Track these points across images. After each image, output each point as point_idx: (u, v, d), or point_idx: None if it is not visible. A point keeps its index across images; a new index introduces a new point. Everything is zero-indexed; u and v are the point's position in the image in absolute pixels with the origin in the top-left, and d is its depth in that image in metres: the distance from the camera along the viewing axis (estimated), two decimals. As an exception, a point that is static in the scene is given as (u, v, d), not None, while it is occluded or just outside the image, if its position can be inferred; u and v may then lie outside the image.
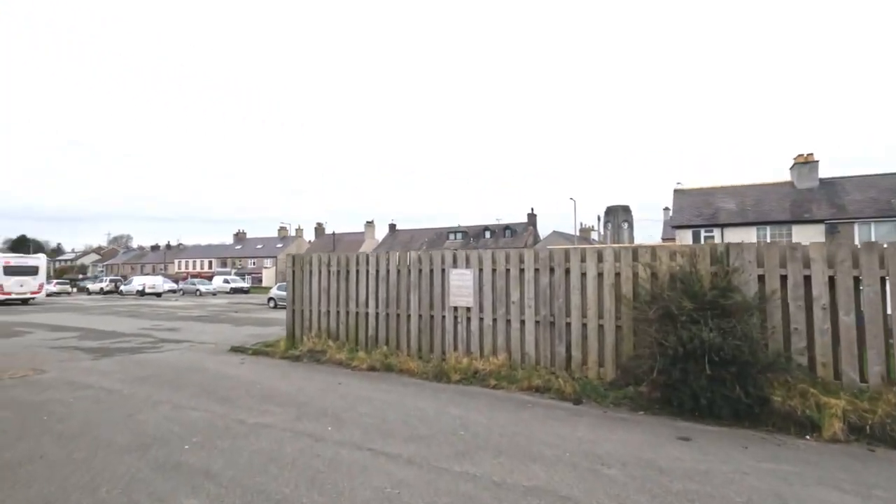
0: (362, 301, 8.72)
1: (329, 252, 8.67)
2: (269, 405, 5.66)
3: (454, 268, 7.77)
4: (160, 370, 7.80)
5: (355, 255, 8.95)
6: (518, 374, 6.73)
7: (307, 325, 9.41)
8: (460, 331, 7.68)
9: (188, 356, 9.21)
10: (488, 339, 7.40)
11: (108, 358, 9.08)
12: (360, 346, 8.65)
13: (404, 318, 8.24)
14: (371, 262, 8.67)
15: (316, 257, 9.41)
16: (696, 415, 5.23)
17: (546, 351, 6.94)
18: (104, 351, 9.93)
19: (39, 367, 8.18)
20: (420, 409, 5.56)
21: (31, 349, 10.26)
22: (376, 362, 7.80)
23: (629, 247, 6.57)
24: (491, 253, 7.49)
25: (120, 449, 4.22)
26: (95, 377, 7.26)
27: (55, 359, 8.97)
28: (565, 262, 6.86)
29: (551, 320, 6.93)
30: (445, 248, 44.40)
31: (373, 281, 8.62)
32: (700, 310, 5.29)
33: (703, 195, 26.38)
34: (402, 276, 8.30)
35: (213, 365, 8.26)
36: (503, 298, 7.32)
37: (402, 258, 8.35)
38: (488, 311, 7.42)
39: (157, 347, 10.47)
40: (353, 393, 6.27)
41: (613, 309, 6.47)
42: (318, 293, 9.29)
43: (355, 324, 8.81)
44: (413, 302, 8.14)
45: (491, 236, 58.51)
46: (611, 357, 6.45)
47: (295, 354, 8.83)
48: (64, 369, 7.93)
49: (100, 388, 6.52)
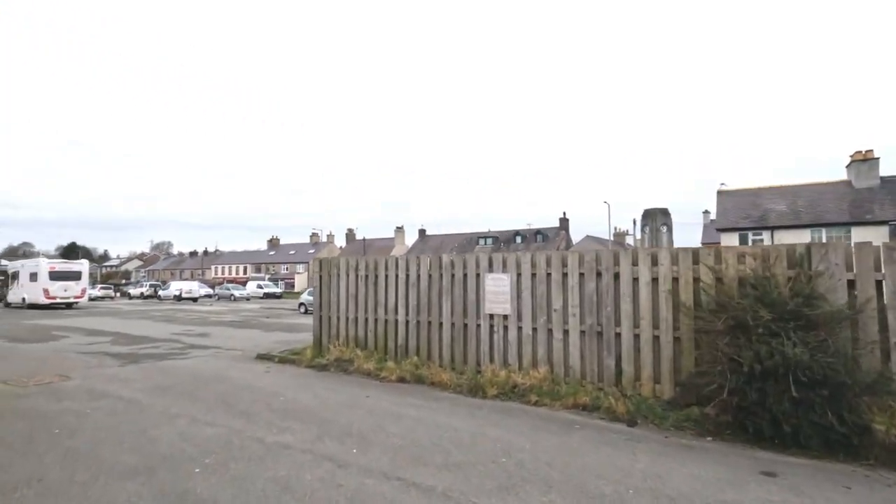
0: (391, 307, 8.24)
1: (353, 254, 8.22)
2: (290, 421, 5.21)
3: (490, 272, 7.19)
4: (183, 379, 7.50)
5: (384, 258, 8.48)
6: (562, 390, 6.08)
7: (334, 333, 8.99)
8: (496, 341, 7.08)
9: (213, 364, 8.93)
10: (528, 351, 6.77)
11: (134, 364, 8.89)
12: (388, 355, 8.15)
13: (436, 326, 7.71)
14: (400, 267, 8.18)
15: (343, 261, 9.00)
16: (776, 443, 4.48)
17: (593, 364, 6.26)
18: (132, 357, 9.79)
19: (66, 373, 8.03)
20: (455, 429, 4.99)
21: (63, 353, 10.23)
22: (406, 373, 7.29)
23: (688, 249, 5.84)
24: (530, 255, 6.87)
25: (125, 472, 3.82)
26: (117, 385, 7.01)
27: (83, 364, 8.84)
28: (614, 266, 6.18)
29: (598, 330, 6.26)
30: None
31: (402, 286, 8.13)
32: (780, 320, 4.54)
33: (749, 196, 24.92)
34: (434, 282, 7.77)
35: (237, 374, 7.93)
36: (544, 306, 6.68)
37: (434, 262, 7.82)
38: (527, 319, 6.80)
39: (185, 354, 10.28)
40: (380, 408, 5.76)
41: (671, 318, 5.75)
42: (345, 299, 8.87)
43: (384, 332, 8.33)
44: (445, 309, 7.60)
45: (522, 241, 57.57)
46: (668, 372, 5.72)
47: (321, 363, 8.42)
48: (88, 376, 7.74)
49: (119, 398, 6.23)
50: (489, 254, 7.36)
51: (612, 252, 6.32)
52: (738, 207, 24.11)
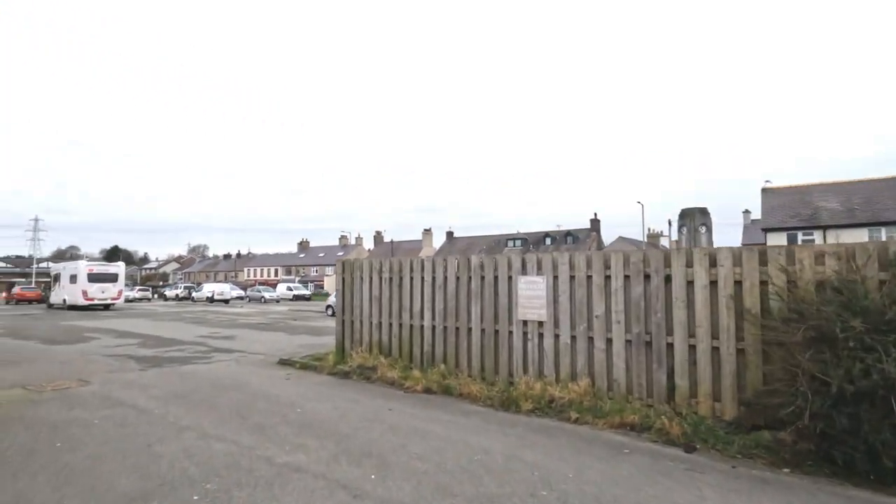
0: (417, 312, 7.74)
1: (381, 257, 7.69)
2: (305, 437, 4.76)
3: (523, 275, 6.60)
4: (201, 385, 7.19)
5: (409, 259, 8.00)
6: (605, 406, 5.44)
7: (357, 338, 8.56)
8: (531, 349, 6.48)
9: (234, 369, 8.64)
10: (566, 361, 6.15)
11: (155, 369, 8.68)
12: (414, 363, 7.66)
13: (464, 332, 7.16)
14: (426, 269, 7.68)
15: (367, 263, 8.57)
16: (872, 479, 3.75)
17: (640, 378, 5.59)
18: (155, 361, 9.62)
19: (86, 377, 7.86)
20: (486, 450, 4.43)
21: (89, 356, 10.16)
22: (433, 384, 6.77)
23: (753, 248, 5.12)
24: (568, 256, 6.25)
25: (117, 498, 3.43)
26: (133, 392, 6.75)
27: (104, 368, 8.69)
28: (665, 268, 5.51)
29: (647, 339, 5.59)
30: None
31: (428, 289, 7.62)
32: (875, 332, 3.81)
33: (797, 194, 23.41)
34: (462, 285, 7.23)
35: (256, 380, 7.58)
36: (584, 311, 6.05)
37: (462, 263, 7.29)
38: (565, 326, 6.18)
39: (208, 358, 10.05)
40: (404, 423, 5.25)
41: (732, 327, 5.04)
42: (368, 303, 8.43)
43: (409, 338, 7.83)
44: (475, 314, 7.05)
45: (552, 243, 56.39)
46: (730, 389, 5.01)
47: (343, 370, 7.99)
48: (107, 381, 7.53)
49: (132, 407, 5.93)
50: (523, 254, 6.77)
51: (661, 252, 5.64)
52: (785, 206, 22.66)
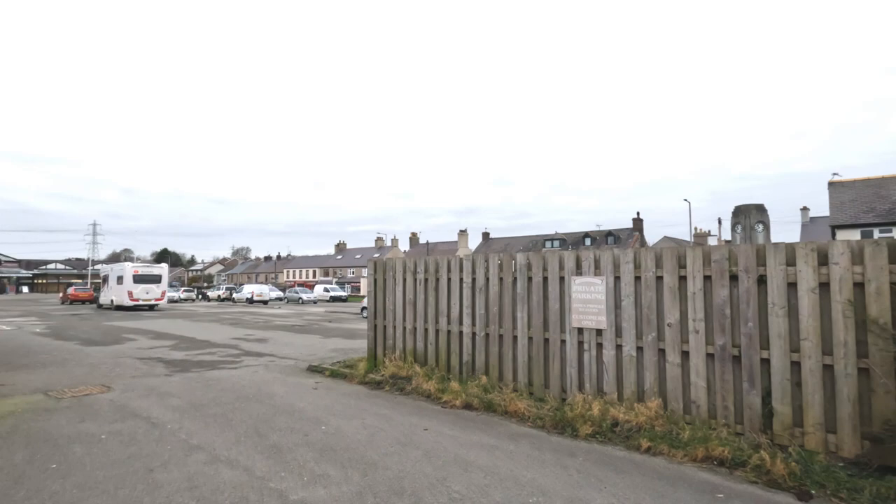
0: (455, 317, 6.97)
1: (415, 256, 6.99)
2: (327, 464, 4.08)
3: (577, 275, 5.73)
4: (222, 395, 6.68)
5: (446, 258, 7.24)
6: (683, 434, 4.50)
7: (390, 345, 7.87)
8: (588, 362, 5.59)
9: (260, 377, 8.12)
10: (630, 377, 5.24)
11: (181, 374, 8.28)
12: (452, 373, 6.89)
13: (509, 340, 6.34)
14: (465, 269, 6.90)
15: (400, 262, 7.88)
16: None
17: (726, 400, 4.63)
18: (182, 365, 9.25)
19: (110, 382, 7.51)
20: (542, 490, 3.61)
21: (119, 359, 9.94)
22: (473, 398, 5.98)
23: (880, 241, 4.08)
24: (633, 254, 5.33)
25: (93, 546, 2.81)
26: (151, 402, 6.29)
27: (131, 373, 8.36)
28: (757, 266, 4.53)
29: (734, 353, 4.61)
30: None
31: (468, 291, 6.84)
32: None
33: (870, 187, 21.26)
34: (506, 286, 6.41)
35: (281, 390, 7.01)
36: (653, 319, 5.12)
37: (506, 262, 6.47)
38: (630, 335, 5.27)
39: (237, 362, 9.63)
40: (442, 449, 4.49)
41: (852, 340, 4.03)
42: (402, 306, 7.73)
43: (446, 345, 7.07)
44: (521, 320, 6.22)
45: (592, 243, 54.55)
46: (851, 419, 4.00)
47: (375, 380, 7.32)
48: (129, 387, 7.14)
49: (145, 420, 5.43)
50: (577, 251, 5.89)
51: (751, 247, 4.65)
52: (858, 200, 20.59)
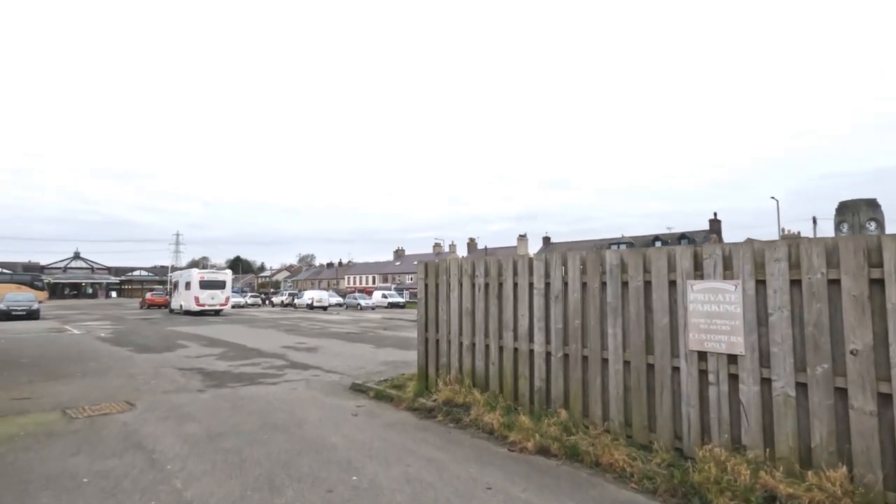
0: (523, 332, 5.58)
1: (474, 257, 5.55)
2: (349, 548, 2.83)
3: (697, 278, 4.17)
4: (247, 420, 5.68)
5: (510, 258, 5.87)
6: (897, 527, 2.86)
7: (444, 363, 6.59)
8: (714, 400, 4.02)
9: (297, 395, 7.11)
10: (787, 426, 3.61)
11: (214, 390, 7.45)
12: (520, 403, 5.50)
13: (596, 364, 4.86)
14: (536, 271, 5.50)
15: (455, 264, 6.59)
16: None
17: (968, 475, 2.92)
18: (221, 379, 8.48)
19: (136, 398, 6.80)
20: None
21: (161, 369, 9.39)
22: (550, 440, 4.56)
23: None
24: (786, 248, 3.72)
25: None
26: (165, 427, 5.40)
27: (164, 387, 7.65)
28: None
29: (982, 402, 2.91)
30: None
31: (540, 299, 5.43)
32: None
33: None
34: (591, 294, 4.94)
35: (315, 415, 5.92)
36: (823, 342, 3.49)
37: (591, 262, 5.00)
38: (784, 366, 3.65)
39: (278, 376, 8.75)
40: (513, 527, 3.12)
41: None
42: (457, 316, 6.43)
43: (513, 367, 5.69)
44: (612, 337, 4.73)
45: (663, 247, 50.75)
46: None
47: (426, 406, 6.07)
48: (152, 406, 6.35)
49: (146, 455, 4.49)
50: (695, 247, 4.33)
51: None
52: None
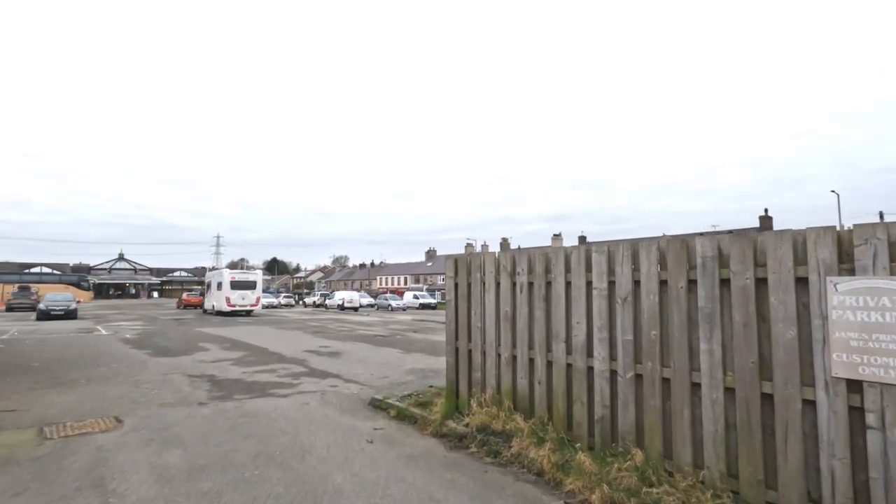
0: (579, 343, 4.40)
1: (514, 251, 4.39)
2: None
3: (847, 273, 2.91)
4: (242, 447, 4.73)
5: (562, 251, 4.69)
6: None
7: (477, 379, 5.47)
8: (878, 450, 2.75)
9: (307, 413, 6.14)
10: None
11: (217, 403, 6.59)
12: (575, 435, 4.32)
13: (683, 389, 3.64)
14: (596, 267, 4.31)
15: (490, 259, 5.46)
16: None
17: None
18: (229, 389, 7.63)
19: (128, 413, 6.00)
20: None
21: (169, 376, 8.65)
22: (624, 495, 3.38)
23: None
24: None
25: None
26: (143, 455, 4.50)
27: (163, 399, 6.84)
28: None
29: None
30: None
31: (601, 302, 4.24)
32: None
33: None
34: (674, 295, 3.73)
35: (323, 442, 4.91)
36: None
37: (674, 253, 3.78)
38: None
39: (292, 386, 7.85)
40: None
41: None
42: (493, 323, 5.30)
43: (565, 388, 4.51)
44: (706, 355, 3.51)
45: (708, 245, 47.90)
46: None
47: (456, 431, 4.97)
48: (140, 424, 5.50)
49: (101, 498, 3.57)
50: (839, 230, 3.06)
51: None
52: None
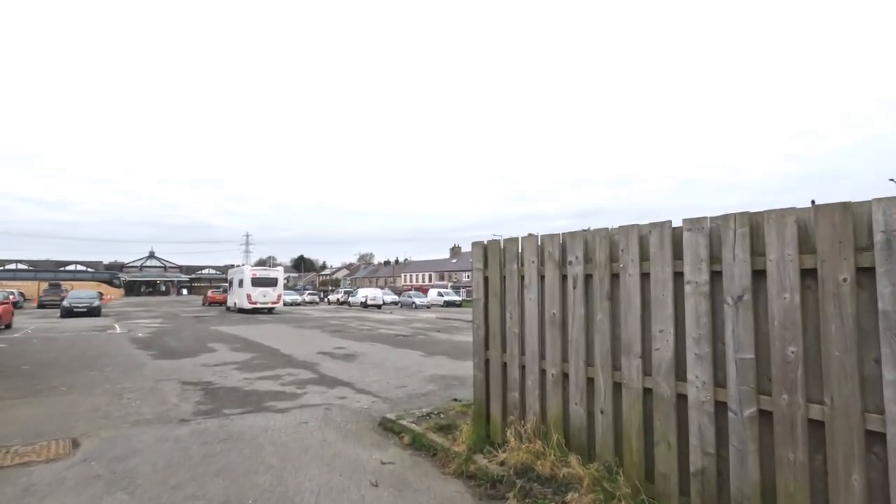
0: (664, 360, 3.11)
1: (564, 233, 2.95)
2: None
3: None
4: (206, 491, 3.63)
5: (635, 231, 3.39)
6: None
7: (514, 400, 4.21)
8: None
9: (301, 438, 5.01)
10: None
11: (200, 421, 5.54)
12: (659, 488, 3.04)
13: (848, 436, 2.32)
14: (690, 251, 3.00)
15: (531, 245, 4.19)
16: None
17: None
18: (221, 400, 6.61)
19: (90, 433, 5.04)
20: None
21: (161, 383, 7.72)
22: None
23: None
24: None
25: None
26: (80, 501, 3.43)
27: (140, 414, 5.85)
28: None
29: None
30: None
31: (699, 303, 2.93)
32: None
33: None
34: (831, 292, 2.41)
35: (313, 484, 3.76)
36: None
37: (830, 225, 2.45)
38: None
39: (294, 398, 6.79)
40: None
41: None
42: (536, 329, 4.04)
43: (641, 422, 3.22)
44: (894, 388, 2.18)
45: (749, 239, 45.23)
46: None
47: (487, 471, 3.75)
48: (92, 455, 4.47)
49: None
50: None
51: None
52: None
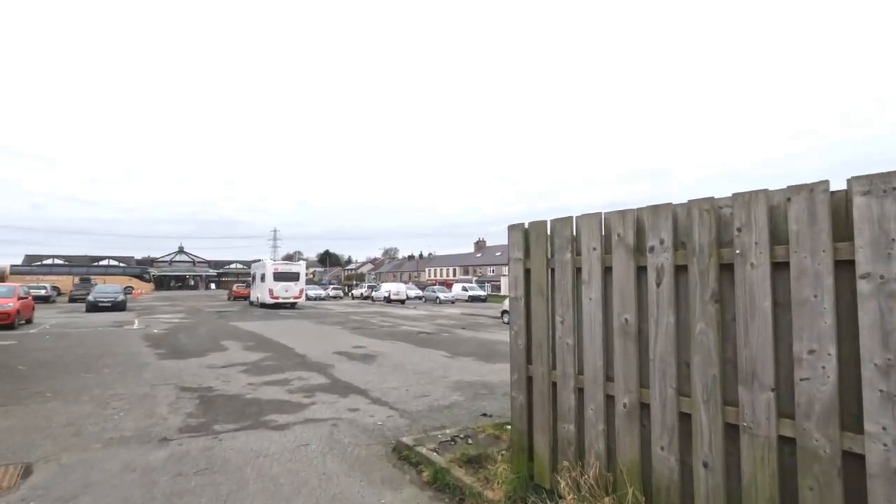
0: (820, 397, 2.02)
1: (641, 208, 1.71)
2: None
3: None
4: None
5: (761, 197, 2.30)
6: None
7: (567, 434, 3.17)
8: None
9: (297, 470, 4.09)
10: None
11: (184, 441, 4.69)
12: None
13: None
14: (864, 225, 1.91)
15: (591, 225, 3.11)
16: None
17: None
18: (216, 412, 5.79)
19: (49, 457, 4.24)
20: None
21: (157, 388, 6.98)
22: None
23: None
24: None
25: None
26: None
27: (117, 430, 5.04)
28: None
29: None
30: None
31: (887, 306, 1.84)
32: None
33: None
34: None
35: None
36: None
37: None
38: None
39: (300, 409, 5.91)
40: None
41: None
42: (599, 338, 2.98)
43: (778, 489, 2.15)
44: None
45: (792, 231, 42.62)
46: None
47: (535, 536, 2.73)
48: (34, 489, 3.65)
49: None
50: None
51: None
52: None
